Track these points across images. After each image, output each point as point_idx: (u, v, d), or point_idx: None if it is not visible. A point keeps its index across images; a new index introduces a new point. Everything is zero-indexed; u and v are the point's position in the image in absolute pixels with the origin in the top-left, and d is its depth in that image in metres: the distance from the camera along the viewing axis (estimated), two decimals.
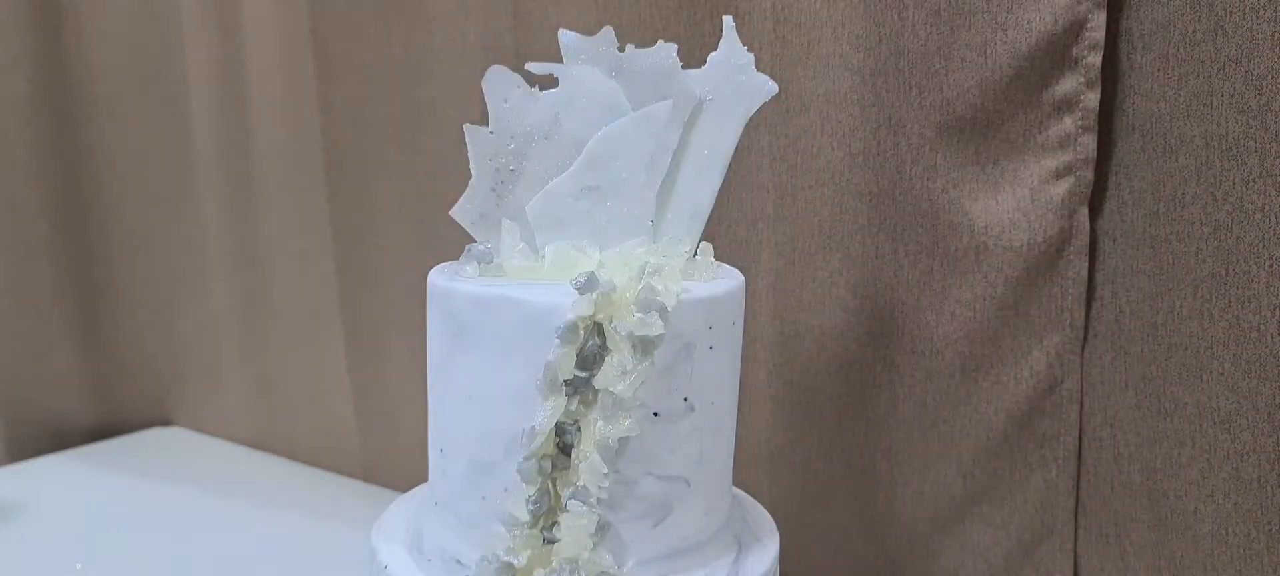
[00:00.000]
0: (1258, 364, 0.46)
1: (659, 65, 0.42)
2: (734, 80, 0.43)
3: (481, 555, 0.39)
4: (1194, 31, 0.46)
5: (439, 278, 0.42)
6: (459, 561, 0.42)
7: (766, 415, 0.62)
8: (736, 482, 0.63)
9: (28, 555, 0.70)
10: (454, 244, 0.45)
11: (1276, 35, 0.43)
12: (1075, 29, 0.49)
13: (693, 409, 0.41)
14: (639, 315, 0.38)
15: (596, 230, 0.42)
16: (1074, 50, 0.50)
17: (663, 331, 0.38)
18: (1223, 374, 0.47)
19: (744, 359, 0.63)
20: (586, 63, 0.43)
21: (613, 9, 0.61)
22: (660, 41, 0.43)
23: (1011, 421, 0.55)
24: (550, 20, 0.64)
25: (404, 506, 0.50)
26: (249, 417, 0.94)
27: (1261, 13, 0.43)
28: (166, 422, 1.02)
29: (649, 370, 0.38)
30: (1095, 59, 0.50)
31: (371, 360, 0.81)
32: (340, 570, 0.67)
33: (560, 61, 0.43)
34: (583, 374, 0.38)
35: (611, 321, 0.38)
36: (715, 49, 0.43)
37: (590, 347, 0.38)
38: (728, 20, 0.43)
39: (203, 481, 0.85)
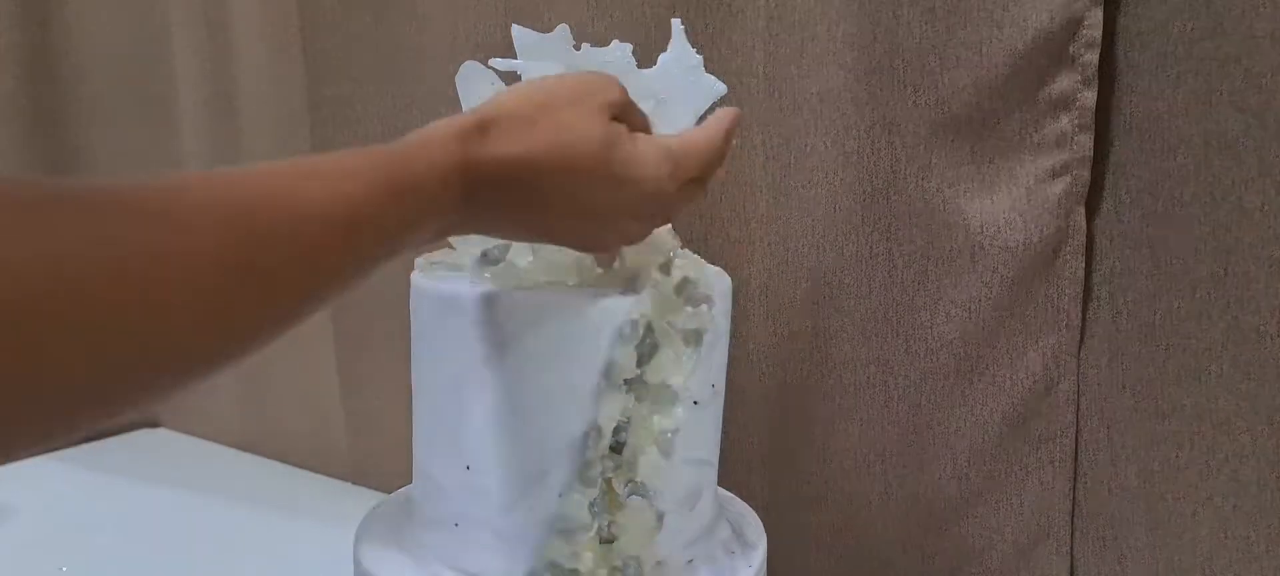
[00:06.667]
0: (1257, 366, 0.45)
1: (614, 64, 0.43)
2: (685, 80, 0.44)
3: (529, 569, 0.38)
4: (1192, 29, 0.46)
5: (463, 287, 0.41)
6: None
7: (759, 416, 0.61)
8: (729, 484, 0.62)
9: (13, 557, 0.70)
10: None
11: (1276, 33, 0.43)
12: (1072, 27, 0.49)
13: (717, 393, 0.42)
14: (688, 309, 0.39)
15: None
16: (1071, 48, 0.49)
17: (711, 322, 0.39)
18: (1221, 375, 0.47)
19: (737, 359, 0.62)
20: (542, 59, 0.42)
21: (605, 6, 0.60)
22: (615, 41, 0.43)
23: (1007, 423, 0.54)
24: (543, 18, 0.63)
25: (380, 528, 0.48)
26: (237, 419, 0.93)
27: (1261, 10, 0.43)
28: (154, 424, 1.01)
29: (696, 359, 0.39)
30: (1092, 57, 0.49)
31: (360, 361, 0.81)
32: (328, 571, 0.66)
33: None
34: (636, 370, 0.39)
35: (664, 318, 0.39)
36: (702, 50, 0.44)
37: (645, 344, 0.38)
38: (676, 23, 0.44)
39: (190, 483, 0.84)
